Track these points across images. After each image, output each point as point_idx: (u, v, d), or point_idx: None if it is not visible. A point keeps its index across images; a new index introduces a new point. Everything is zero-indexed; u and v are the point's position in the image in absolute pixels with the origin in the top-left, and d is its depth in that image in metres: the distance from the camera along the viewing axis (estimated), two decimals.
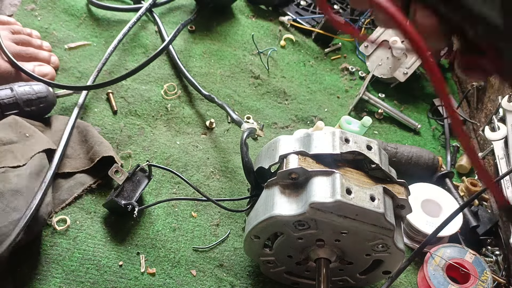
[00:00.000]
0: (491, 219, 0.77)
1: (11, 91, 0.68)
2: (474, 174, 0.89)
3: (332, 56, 1.04)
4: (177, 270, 0.65)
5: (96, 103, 0.79)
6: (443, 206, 0.75)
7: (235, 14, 1.04)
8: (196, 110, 0.85)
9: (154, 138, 0.78)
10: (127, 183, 0.66)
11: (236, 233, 0.70)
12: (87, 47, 0.87)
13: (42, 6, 0.90)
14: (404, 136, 0.93)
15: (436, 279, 0.67)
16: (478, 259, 0.70)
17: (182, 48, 0.94)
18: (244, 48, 0.98)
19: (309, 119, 0.90)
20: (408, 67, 0.97)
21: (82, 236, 0.64)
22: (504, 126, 0.79)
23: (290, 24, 1.05)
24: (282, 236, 0.57)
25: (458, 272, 0.69)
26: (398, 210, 0.56)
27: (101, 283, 0.61)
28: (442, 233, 0.70)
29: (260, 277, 0.67)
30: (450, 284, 0.67)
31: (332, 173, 0.53)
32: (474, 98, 0.97)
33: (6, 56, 0.72)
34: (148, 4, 0.92)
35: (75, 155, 0.70)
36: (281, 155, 0.57)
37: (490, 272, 0.69)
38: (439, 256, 0.69)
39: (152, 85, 0.85)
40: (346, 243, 0.56)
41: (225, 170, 0.77)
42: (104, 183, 0.70)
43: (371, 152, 0.56)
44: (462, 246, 0.71)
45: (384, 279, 0.64)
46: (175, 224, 0.69)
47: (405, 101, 1.00)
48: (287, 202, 0.54)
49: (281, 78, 0.96)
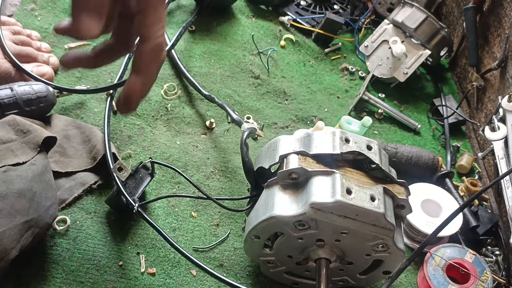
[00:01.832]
0: (491, 219, 0.77)
1: (11, 91, 0.68)
2: (474, 174, 0.89)
3: (332, 56, 1.04)
4: (177, 270, 0.65)
5: (96, 103, 0.79)
6: (443, 206, 0.75)
7: (235, 14, 1.05)
8: (196, 110, 0.85)
9: (154, 138, 0.78)
10: (130, 180, 0.66)
11: (236, 233, 0.70)
12: (87, 47, 0.87)
13: (42, 6, 0.90)
14: (404, 136, 0.93)
15: (436, 279, 0.67)
16: (478, 259, 0.69)
17: (182, 48, 0.94)
18: (244, 48, 0.98)
19: (309, 119, 0.90)
20: (408, 67, 0.97)
21: (82, 236, 0.64)
22: (504, 126, 0.79)
23: (290, 24, 1.05)
24: (282, 236, 0.57)
25: (458, 272, 0.69)
26: (398, 210, 0.56)
27: (101, 283, 0.61)
28: (442, 233, 0.70)
29: (260, 277, 0.67)
30: (450, 284, 0.67)
31: (332, 173, 0.53)
32: (474, 98, 0.97)
33: (8, 56, 0.72)
34: None
35: (77, 155, 0.70)
36: (281, 155, 0.57)
37: (490, 272, 0.69)
38: (439, 256, 0.69)
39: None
40: (346, 243, 0.56)
41: (225, 170, 0.77)
42: (104, 183, 0.70)
43: (371, 152, 0.56)
44: (462, 246, 0.71)
45: (384, 279, 0.64)
46: (175, 224, 0.69)
47: (405, 101, 1.00)
48: (287, 202, 0.54)
49: (281, 78, 0.96)
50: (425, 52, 0.97)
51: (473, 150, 0.94)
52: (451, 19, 1.12)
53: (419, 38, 0.97)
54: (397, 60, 0.98)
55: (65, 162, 0.69)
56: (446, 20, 1.14)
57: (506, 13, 0.88)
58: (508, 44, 0.86)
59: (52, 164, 0.67)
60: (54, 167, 0.67)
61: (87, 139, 0.71)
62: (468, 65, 1.01)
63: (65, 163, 0.69)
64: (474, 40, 0.96)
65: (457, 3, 1.09)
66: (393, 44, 0.96)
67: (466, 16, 0.96)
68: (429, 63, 1.07)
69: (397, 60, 0.97)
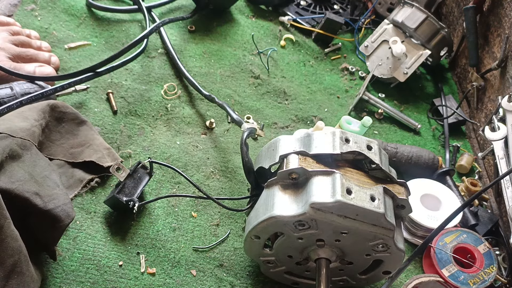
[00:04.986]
0: (491, 219, 0.78)
1: (11, 90, 0.69)
2: (474, 174, 0.89)
3: (332, 56, 1.04)
4: (177, 270, 0.65)
5: (96, 103, 0.79)
6: (442, 200, 0.77)
7: (235, 14, 1.05)
8: (196, 110, 0.85)
9: (154, 138, 0.78)
10: (129, 180, 0.66)
11: (236, 233, 0.70)
12: (87, 47, 0.87)
13: (42, 6, 0.90)
14: (404, 136, 0.93)
15: (441, 254, 0.69)
16: (491, 254, 0.71)
17: (182, 48, 0.94)
18: (244, 48, 0.98)
19: (309, 119, 0.90)
20: (408, 67, 0.97)
21: (82, 236, 0.64)
22: (504, 126, 0.79)
23: (290, 24, 1.05)
24: (282, 236, 0.57)
25: (465, 257, 0.70)
26: (398, 210, 0.56)
27: (101, 283, 0.61)
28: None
29: (260, 277, 0.67)
30: (452, 263, 0.69)
31: (332, 173, 0.53)
32: (474, 98, 0.97)
33: (2, 69, 0.71)
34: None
35: (58, 143, 0.69)
36: (281, 155, 0.57)
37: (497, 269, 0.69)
38: (452, 237, 0.71)
39: (152, 85, 0.85)
40: (346, 243, 0.56)
41: (225, 170, 0.77)
42: (104, 183, 0.70)
43: (371, 152, 0.56)
44: (479, 236, 0.72)
45: (384, 279, 0.64)
46: (175, 224, 0.69)
47: (405, 101, 1.00)
48: (287, 202, 0.54)
49: (281, 78, 0.96)
50: (425, 52, 0.97)
51: (473, 150, 0.94)
52: (451, 19, 1.12)
53: (419, 38, 0.97)
54: (397, 60, 0.98)
55: (45, 145, 0.68)
56: (446, 20, 1.14)
57: (506, 13, 0.88)
58: (508, 44, 0.86)
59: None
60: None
61: (76, 133, 0.71)
62: (468, 65, 1.01)
63: (44, 146, 0.68)
64: (474, 40, 0.96)
65: (457, 3, 1.09)
66: (393, 44, 0.96)
67: (466, 16, 0.96)
68: (429, 63, 1.07)
69: (397, 60, 0.97)
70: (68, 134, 0.70)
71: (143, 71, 0.87)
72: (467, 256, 0.71)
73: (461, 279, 0.67)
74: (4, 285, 0.49)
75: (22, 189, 0.54)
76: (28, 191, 0.54)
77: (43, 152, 0.67)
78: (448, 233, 0.72)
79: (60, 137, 0.70)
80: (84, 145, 0.70)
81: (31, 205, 0.54)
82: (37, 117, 0.65)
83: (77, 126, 0.72)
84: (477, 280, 0.68)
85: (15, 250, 0.50)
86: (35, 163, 0.59)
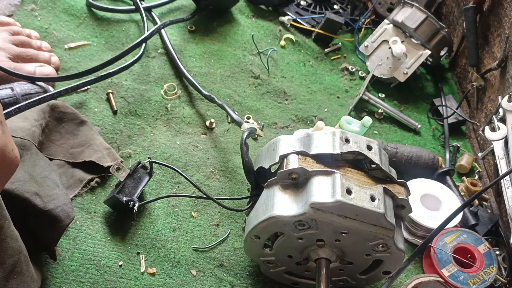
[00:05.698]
0: (491, 219, 0.78)
1: (11, 91, 0.69)
2: (474, 174, 0.89)
3: (332, 56, 1.04)
4: (177, 270, 0.65)
5: (96, 103, 0.79)
6: (442, 200, 0.77)
7: (235, 14, 1.05)
8: (196, 110, 0.85)
9: (154, 138, 0.78)
10: (129, 180, 0.66)
11: (236, 233, 0.70)
12: (87, 47, 0.87)
13: (42, 6, 0.90)
14: (404, 136, 0.93)
15: (441, 254, 0.69)
16: (491, 254, 0.71)
17: (182, 48, 0.94)
18: (244, 48, 0.98)
19: (309, 119, 0.90)
20: (408, 67, 0.97)
21: (82, 236, 0.64)
22: (504, 126, 0.79)
23: (290, 24, 1.05)
24: (282, 236, 0.57)
25: (466, 257, 0.70)
26: (398, 210, 0.56)
27: (101, 283, 0.61)
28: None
29: (260, 277, 0.67)
30: (452, 263, 0.69)
31: (332, 173, 0.53)
32: (474, 98, 0.97)
33: (2, 70, 0.71)
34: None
35: (58, 143, 0.69)
36: (281, 155, 0.57)
37: (497, 269, 0.69)
38: (452, 237, 0.71)
39: (152, 85, 0.85)
40: (346, 243, 0.56)
41: (225, 170, 0.77)
42: (104, 183, 0.70)
43: (371, 152, 0.56)
44: (480, 236, 0.72)
45: (384, 279, 0.64)
46: (175, 224, 0.69)
47: (405, 101, 1.00)
48: (287, 202, 0.54)
49: (281, 78, 0.96)
50: (425, 52, 0.97)
51: (473, 150, 0.94)
52: (451, 19, 1.12)
53: (419, 38, 0.97)
54: (397, 60, 0.98)
55: (45, 145, 0.68)
56: (446, 20, 1.14)
57: (506, 13, 0.88)
58: (508, 44, 0.86)
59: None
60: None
61: (76, 133, 0.71)
62: (468, 65, 1.01)
63: (44, 146, 0.68)
64: (474, 40, 0.96)
65: (457, 3, 1.09)
66: (393, 44, 0.96)
67: (466, 16, 0.96)
68: (429, 63, 1.07)
69: (397, 60, 0.97)
70: (68, 134, 0.70)
71: (143, 71, 0.87)
72: (467, 256, 0.71)
73: (461, 279, 0.67)
74: (4, 285, 0.49)
75: (22, 189, 0.54)
76: (28, 191, 0.54)
77: (43, 152, 0.67)
78: (448, 233, 0.72)
79: (60, 137, 0.70)
80: (84, 145, 0.70)
81: (31, 205, 0.54)
82: (37, 117, 0.66)
83: (77, 126, 0.72)
84: (477, 280, 0.68)
85: (15, 250, 0.50)
86: (35, 163, 0.59)
